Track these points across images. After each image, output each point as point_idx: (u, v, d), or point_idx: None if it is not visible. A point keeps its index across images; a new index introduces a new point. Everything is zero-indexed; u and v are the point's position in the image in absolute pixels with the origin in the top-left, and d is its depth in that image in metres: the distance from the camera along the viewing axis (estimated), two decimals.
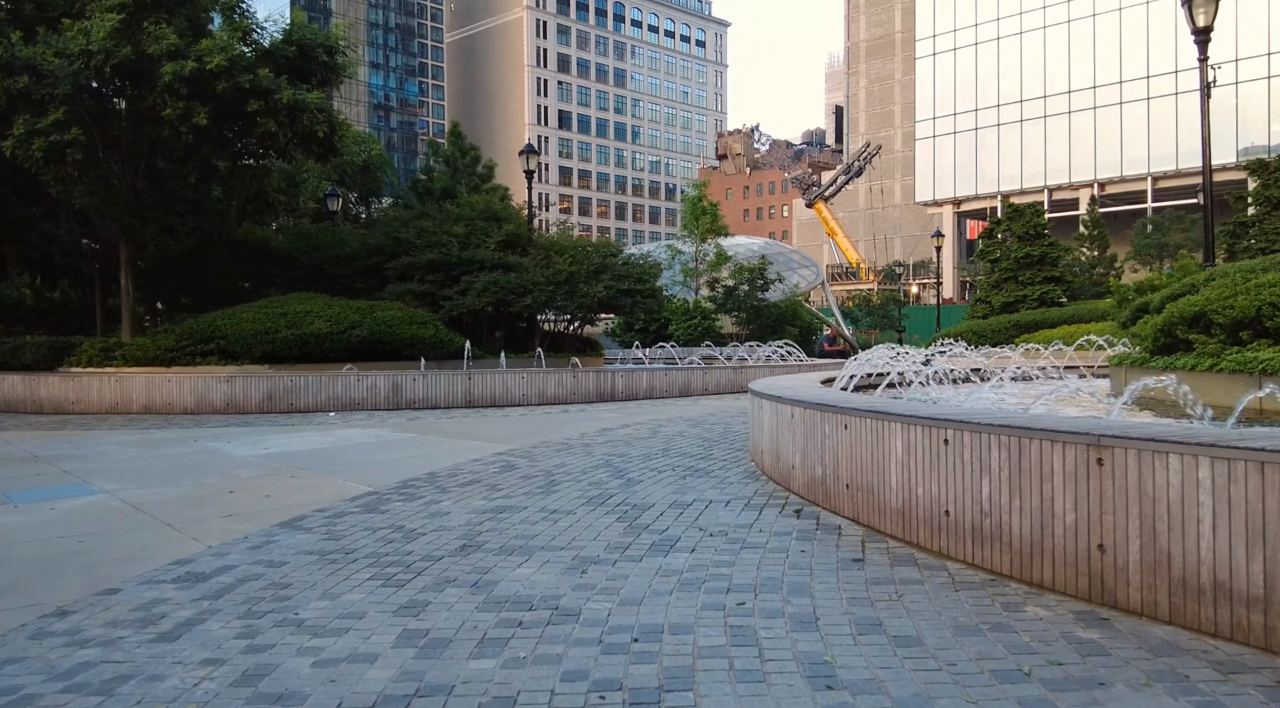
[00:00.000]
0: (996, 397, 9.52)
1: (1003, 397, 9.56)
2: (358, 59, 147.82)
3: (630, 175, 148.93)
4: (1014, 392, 10.37)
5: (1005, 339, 30.83)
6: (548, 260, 19.72)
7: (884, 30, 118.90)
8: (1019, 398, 9.25)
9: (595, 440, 10.34)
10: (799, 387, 8.48)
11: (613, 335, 35.38)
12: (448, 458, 9.31)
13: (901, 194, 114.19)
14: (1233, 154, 62.01)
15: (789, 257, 44.50)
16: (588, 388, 15.46)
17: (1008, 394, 10.32)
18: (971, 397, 9.96)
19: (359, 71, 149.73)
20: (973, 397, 9.92)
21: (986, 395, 9.72)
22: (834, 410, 5.99)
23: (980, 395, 9.78)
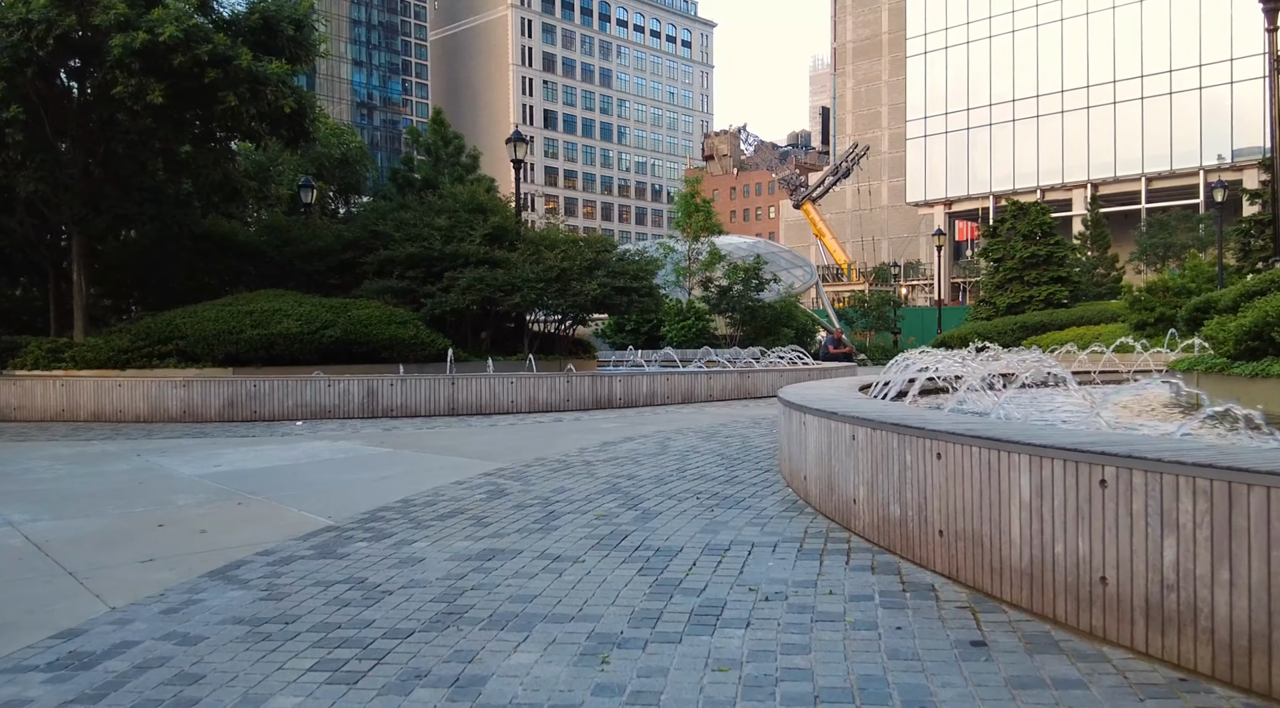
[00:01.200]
0: (1072, 404, 8.22)
1: (1074, 410, 8.27)
2: (340, 55, 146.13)
3: (616, 176, 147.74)
4: (1079, 399, 9.09)
5: (1012, 341, 29.70)
6: (537, 256, 18.34)
7: (871, 31, 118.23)
8: (1107, 411, 7.95)
9: (597, 457, 8.97)
10: (844, 398, 7.16)
11: (603, 336, 34.03)
12: (426, 479, 7.94)
13: (889, 195, 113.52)
14: (1228, 154, 61.27)
15: (782, 256, 43.30)
16: (583, 394, 14.11)
17: (1072, 401, 9.04)
18: (1037, 402, 8.65)
19: (341, 69, 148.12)
20: (1038, 402, 8.64)
21: (1060, 403, 8.42)
22: (921, 434, 4.66)
23: (1054, 402, 8.46)
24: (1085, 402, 8.75)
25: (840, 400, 6.78)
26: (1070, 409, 8.71)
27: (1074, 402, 9.22)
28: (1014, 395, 9.56)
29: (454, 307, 17.36)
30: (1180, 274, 26.83)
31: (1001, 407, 8.37)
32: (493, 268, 17.70)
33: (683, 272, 35.70)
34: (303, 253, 19.30)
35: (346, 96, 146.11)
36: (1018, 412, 8.30)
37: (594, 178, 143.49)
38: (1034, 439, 4.00)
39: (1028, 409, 8.55)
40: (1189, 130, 62.55)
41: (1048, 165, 69.48)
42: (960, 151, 74.80)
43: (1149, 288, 26.64)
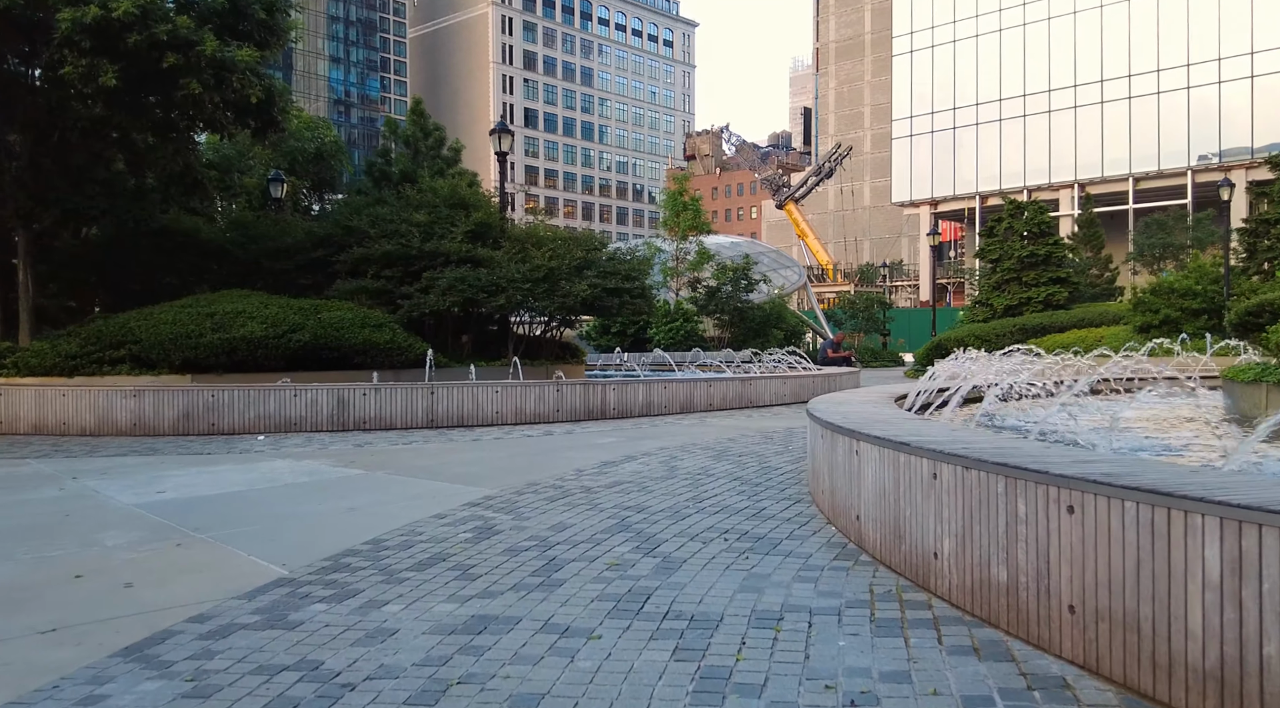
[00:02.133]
0: (1142, 419, 7.20)
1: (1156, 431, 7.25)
2: (317, 51, 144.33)
3: (598, 175, 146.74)
4: (1146, 413, 8.09)
5: (1012, 344, 28.78)
6: (523, 254, 17.19)
7: (854, 31, 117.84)
8: (1185, 429, 6.93)
9: (598, 482, 7.87)
10: (895, 418, 6.10)
11: (588, 338, 32.91)
12: (402, 511, 6.81)
13: (871, 196, 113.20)
14: (1216, 155, 60.89)
15: (770, 257, 42.32)
16: (574, 404, 13.00)
17: (1137, 416, 8.05)
18: (1098, 414, 7.62)
19: (319, 66, 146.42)
20: (1099, 413, 7.61)
21: (1128, 415, 7.40)
22: (1044, 479, 3.59)
23: (1121, 413, 7.43)
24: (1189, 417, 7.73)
25: (895, 423, 5.71)
26: (1146, 421, 7.71)
27: (1149, 414, 8.22)
28: (1068, 402, 8.54)
29: (433, 309, 16.19)
30: (1184, 275, 26.01)
31: (1070, 417, 7.35)
32: (475, 267, 16.54)
33: (670, 272, 34.66)
34: (270, 250, 18.05)
35: (324, 94, 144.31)
36: (1090, 426, 7.27)
37: (575, 177, 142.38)
38: (1227, 496, 2.94)
39: (1108, 427, 7.52)
40: (1176, 130, 62.12)
41: (1034, 165, 68.92)
42: (946, 151, 74.16)
43: (1153, 289, 25.83)
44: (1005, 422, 8.31)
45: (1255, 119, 58.79)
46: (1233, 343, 16.35)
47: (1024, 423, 7.97)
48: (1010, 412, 9.55)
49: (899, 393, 9.40)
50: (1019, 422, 8.43)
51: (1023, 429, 7.48)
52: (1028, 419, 8.01)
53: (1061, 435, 7.04)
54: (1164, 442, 7.07)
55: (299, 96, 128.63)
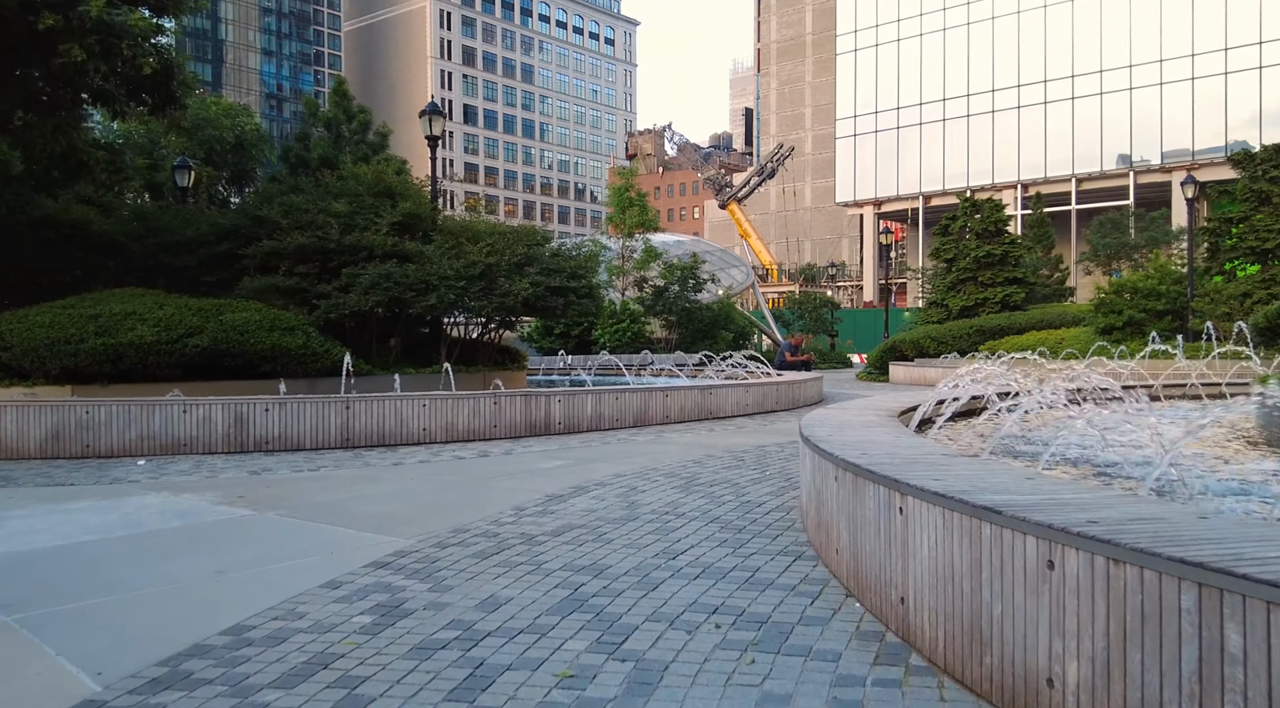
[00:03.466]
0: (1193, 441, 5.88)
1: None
2: (248, 44, 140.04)
3: (539, 173, 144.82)
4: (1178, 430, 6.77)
5: (969, 346, 27.89)
6: (458, 249, 15.50)
7: (795, 32, 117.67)
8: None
9: (542, 526, 6.30)
10: (919, 449, 4.66)
11: (530, 341, 31.21)
12: (284, 577, 5.18)
13: (812, 197, 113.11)
14: (1157, 156, 61.34)
15: (717, 256, 41.08)
16: (514, 418, 11.41)
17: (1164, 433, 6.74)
18: (1133, 432, 6.25)
19: (249, 58, 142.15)
20: (1134, 431, 6.27)
21: (1172, 433, 6.08)
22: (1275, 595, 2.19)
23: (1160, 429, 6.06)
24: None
25: (945, 464, 4.26)
26: (1204, 444, 6.39)
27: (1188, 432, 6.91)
28: (1095, 417, 7.21)
29: (354, 309, 14.42)
30: (1147, 275, 25.28)
31: (1104, 441, 5.99)
32: (403, 263, 14.81)
33: (615, 271, 33.16)
34: (169, 244, 16.07)
35: (255, 87, 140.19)
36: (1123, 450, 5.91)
37: (515, 175, 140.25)
38: None
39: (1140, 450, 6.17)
40: (1119, 132, 62.43)
41: (978, 166, 68.89)
42: (890, 151, 73.87)
43: (1116, 289, 25.05)
44: (1046, 446, 6.94)
45: (1196, 122, 59.25)
46: (1239, 348, 15.35)
47: (1069, 449, 6.61)
48: (1019, 427, 8.22)
49: (898, 407, 8.00)
50: (1059, 446, 7.08)
51: (1081, 460, 6.11)
52: (1066, 443, 6.66)
53: (1121, 467, 5.68)
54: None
55: (230, 91, 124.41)
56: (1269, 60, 55.94)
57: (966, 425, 8.95)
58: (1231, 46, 57.37)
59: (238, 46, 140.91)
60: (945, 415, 7.71)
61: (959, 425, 9.16)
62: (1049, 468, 5.87)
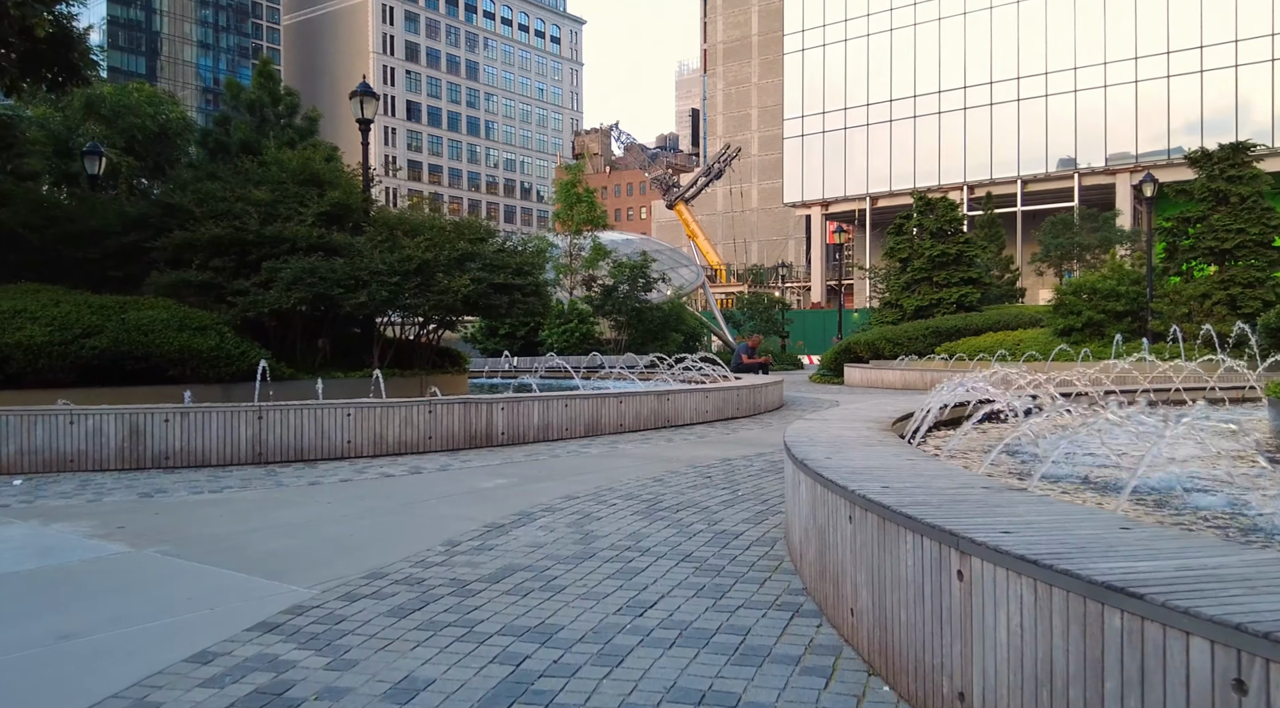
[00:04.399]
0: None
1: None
2: (184, 37, 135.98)
3: (484, 171, 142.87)
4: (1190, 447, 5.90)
5: (925, 347, 27.27)
6: (392, 242, 14.24)
7: (741, 33, 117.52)
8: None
9: (478, 569, 5.17)
10: (934, 473, 3.65)
11: (473, 342, 29.89)
12: (143, 647, 4.00)
13: (759, 198, 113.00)
14: (1101, 159, 61.86)
15: (668, 255, 40.14)
16: (452, 428, 10.23)
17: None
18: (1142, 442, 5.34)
19: (185, 51, 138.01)
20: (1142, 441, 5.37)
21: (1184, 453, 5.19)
22: None
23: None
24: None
25: (1014, 505, 3.26)
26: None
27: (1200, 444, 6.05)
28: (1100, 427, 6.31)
29: (276, 307, 13.10)
30: (1106, 275, 24.86)
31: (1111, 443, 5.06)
32: (330, 256, 13.53)
33: (563, 269, 31.99)
34: (72, 235, 14.55)
35: (191, 81, 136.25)
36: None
37: (460, 173, 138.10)
38: None
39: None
40: (1064, 134, 62.84)
41: (924, 167, 68.91)
42: (837, 152, 73.68)
43: (1075, 290, 24.58)
44: (1061, 458, 6.00)
45: (1139, 125, 59.86)
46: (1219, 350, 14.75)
47: (1098, 466, 5.68)
48: (1025, 437, 7.31)
49: (886, 416, 7.04)
50: (1075, 461, 6.15)
51: (1143, 488, 5.16)
52: (1082, 455, 5.73)
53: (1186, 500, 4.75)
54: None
55: (166, 85, 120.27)
56: (1210, 64, 56.68)
57: (981, 436, 8.04)
58: (1174, 50, 58.04)
59: (173, 39, 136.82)
60: (966, 428, 6.76)
61: (956, 434, 8.27)
62: (1115, 501, 4.92)
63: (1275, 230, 23.55)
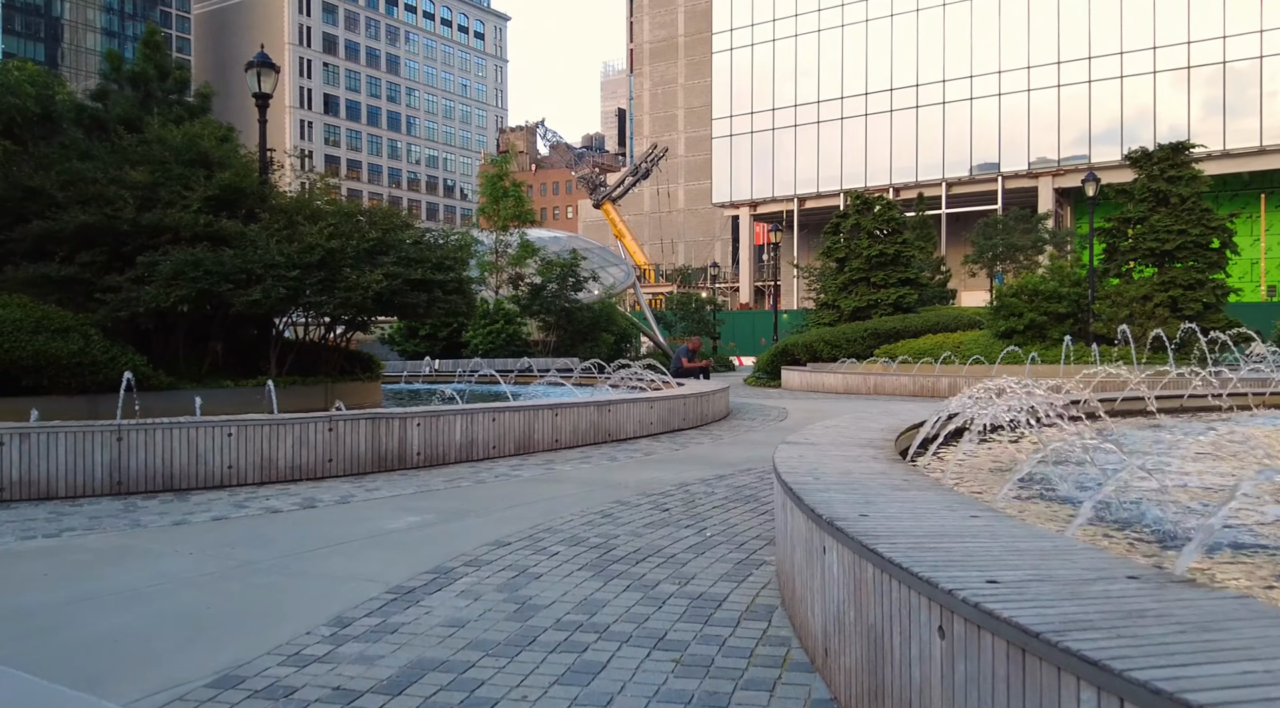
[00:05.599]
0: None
1: None
2: (87, 23, 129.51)
3: (405, 168, 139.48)
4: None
5: (864, 350, 26.42)
6: (292, 231, 12.58)
7: (668, 33, 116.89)
8: None
9: (374, 671, 3.71)
10: (1032, 541, 2.37)
11: (391, 343, 28.04)
12: None
13: (686, 199, 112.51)
14: (1024, 162, 62.46)
15: (598, 254, 38.78)
16: (357, 448, 8.70)
17: None
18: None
19: (89, 39, 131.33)
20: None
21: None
22: None
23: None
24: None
25: (1230, 629, 2.01)
26: None
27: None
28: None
29: (154, 306, 11.36)
30: (1047, 277, 24.32)
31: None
32: (218, 247, 11.83)
33: (488, 267, 30.35)
34: None
35: (95, 70, 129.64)
36: None
37: (380, 169, 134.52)
38: None
39: None
40: (988, 138, 63.32)
41: (851, 169, 68.87)
42: (766, 153, 73.24)
43: (1015, 292, 23.96)
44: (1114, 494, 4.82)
45: (1061, 129, 60.58)
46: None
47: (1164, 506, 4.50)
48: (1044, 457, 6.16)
49: (880, 433, 5.81)
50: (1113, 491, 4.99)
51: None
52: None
53: None
54: None
55: (68, 72, 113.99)
56: (1130, 70, 57.59)
57: (989, 452, 6.87)
58: (1095, 55, 58.85)
59: (75, 25, 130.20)
60: (1022, 470, 5.55)
61: (954, 452, 7.14)
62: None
63: (1214, 232, 23.27)
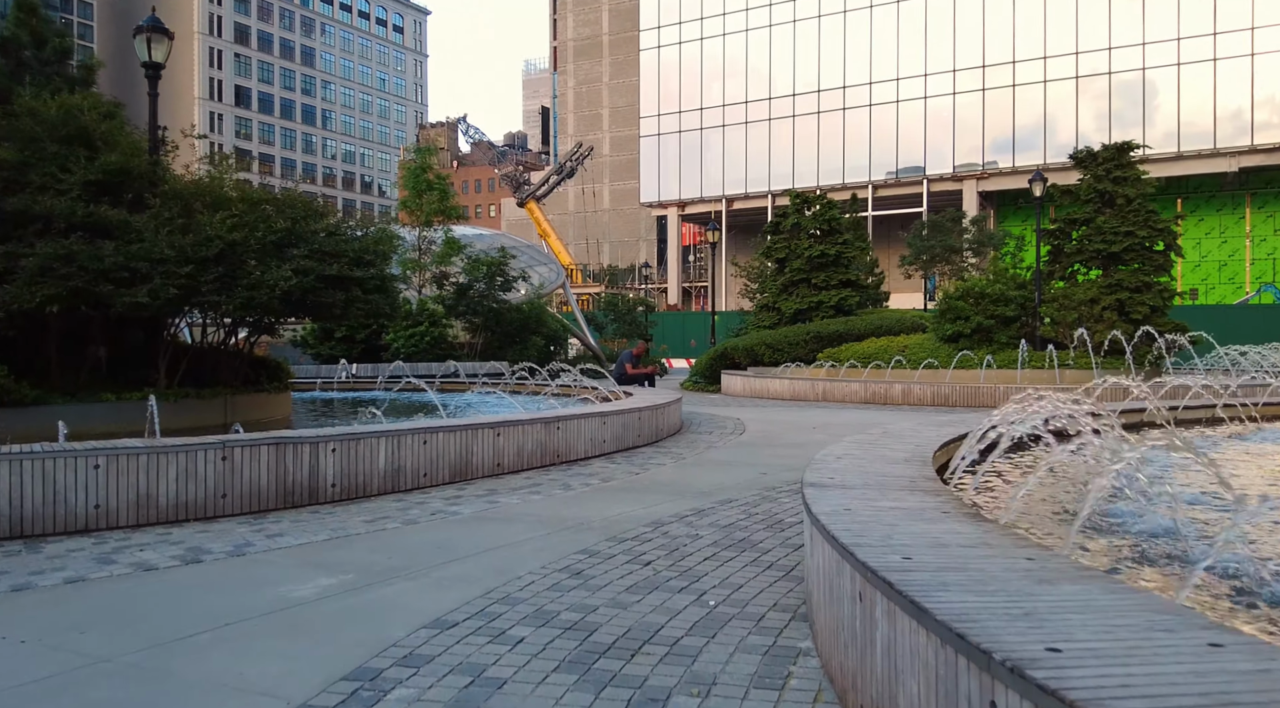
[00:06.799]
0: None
1: None
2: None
3: (321, 163, 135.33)
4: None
5: (806, 353, 25.50)
6: (188, 221, 10.90)
7: (592, 31, 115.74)
8: None
9: None
10: None
11: (304, 346, 26.07)
12: None
13: (611, 199, 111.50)
14: (949, 166, 62.83)
15: (525, 251, 37.24)
16: (258, 480, 7.17)
17: None
18: None
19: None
20: None
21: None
22: None
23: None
24: None
25: None
26: None
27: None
28: None
29: (15, 307, 9.59)
30: (993, 279, 23.71)
31: None
32: (98, 239, 10.11)
33: (411, 265, 28.58)
34: None
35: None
36: None
37: (295, 164, 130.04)
38: None
39: None
40: (914, 140, 63.53)
41: (779, 170, 68.50)
42: (694, 153, 72.45)
43: (962, 294, 23.29)
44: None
45: (986, 133, 61.06)
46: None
47: None
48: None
49: (906, 461, 4.61)
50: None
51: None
52: None
53: None
54: None
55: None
56: (1053, 75, 58.31)
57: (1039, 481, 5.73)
58: (1019, 60, 59.45)
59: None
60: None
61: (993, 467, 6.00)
62: None
63: (1160, 234, 22.95)
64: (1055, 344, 21.55)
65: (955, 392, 18.44)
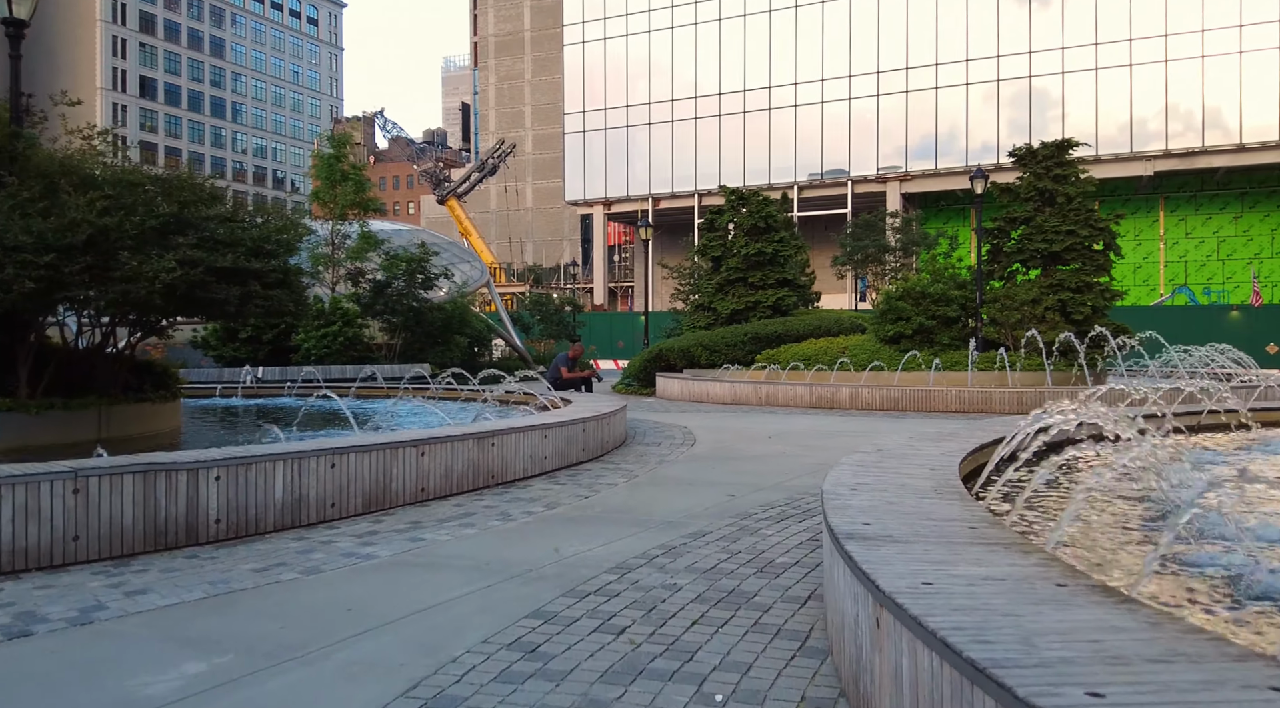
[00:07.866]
0: None
1: None
2: None
3: (231, 157, 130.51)
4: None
5: (744, 355, 24.58)
6: (52, 202, 9.30)
7: (514, 27, 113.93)
8: None
9: None
10: None
11: (204, 347, 24.11)
12: None
13: (534, 197, 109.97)
14: (873, 167, 62.95)
15: (448, 248, 35.64)
16: (121, 519, 5.75)
17: None
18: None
19: None
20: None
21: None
22: None
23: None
24: None
25: None
26: None
27: None
28: None
29: None
30: (935, 279, 23.12)
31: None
32: None
33: (323, 260, 26.81)
34: None
35: None
36: None
37: (203, 158, 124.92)
38: None
39: None
40: (839, 141, 63.50)
41: (705, 170, 67.82)
42: (620, 151, 71.30)
43: (902, 294, 22.64)
44: None
45: (910, 135, 61.33)
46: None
47: None
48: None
49: (919, 472, 3.53)
50: None
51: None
52: None
53: None
54: None
55: None
56: (975, 78, 58.82)
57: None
58: (942, 62, 59.84)
59: None
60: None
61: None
62: None
63: (1100, 234, 22.64)
64: (998, 345, 21.03)
65: (905, 395, 17.68)
